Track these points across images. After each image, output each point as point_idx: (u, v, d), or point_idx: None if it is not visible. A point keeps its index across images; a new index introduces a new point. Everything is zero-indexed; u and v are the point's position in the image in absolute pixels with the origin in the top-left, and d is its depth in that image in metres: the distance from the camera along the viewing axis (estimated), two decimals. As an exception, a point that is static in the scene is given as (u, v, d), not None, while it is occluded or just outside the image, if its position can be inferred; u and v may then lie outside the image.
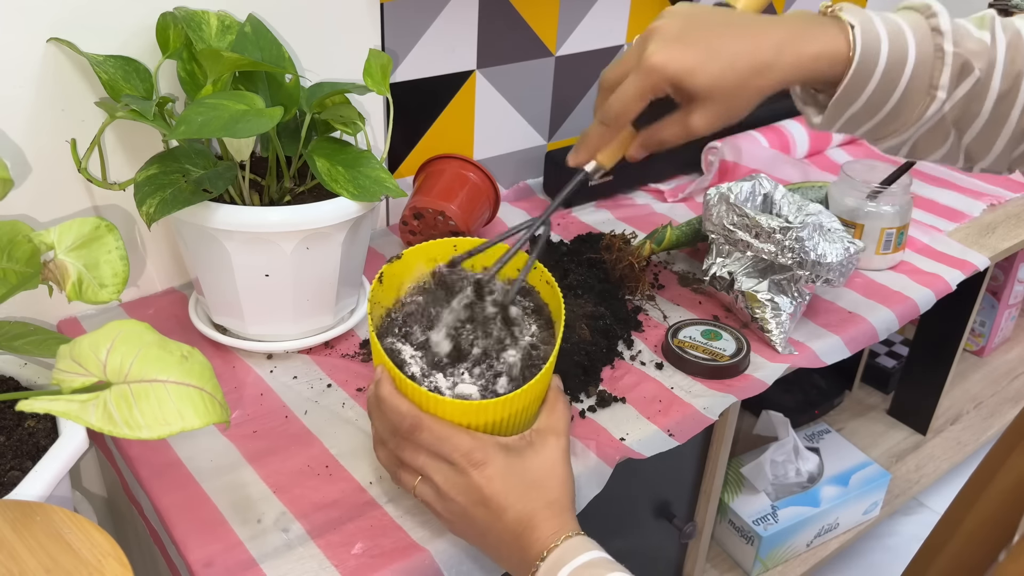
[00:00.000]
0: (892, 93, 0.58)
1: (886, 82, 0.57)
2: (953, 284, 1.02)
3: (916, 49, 0.57)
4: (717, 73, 0.56)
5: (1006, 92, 0.58)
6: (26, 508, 0.52)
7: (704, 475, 0.95)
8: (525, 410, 0.61)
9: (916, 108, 0.59)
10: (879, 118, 0.60)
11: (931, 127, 0.60)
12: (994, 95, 0.58)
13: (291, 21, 0.88)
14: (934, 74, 0.58)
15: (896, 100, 0.58)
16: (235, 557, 0.62)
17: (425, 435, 0.58)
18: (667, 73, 0.56)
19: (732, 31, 0.58)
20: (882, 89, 0.58)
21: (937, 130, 0.60)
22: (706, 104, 0.58)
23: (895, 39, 0.57)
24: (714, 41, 0.57)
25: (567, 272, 0.91)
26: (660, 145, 0.62)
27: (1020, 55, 0.57)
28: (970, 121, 0.59)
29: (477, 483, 0.57)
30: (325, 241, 0.76)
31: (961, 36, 0.58)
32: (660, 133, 0.61)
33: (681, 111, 0.59)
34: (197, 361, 0.54)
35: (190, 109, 0.66)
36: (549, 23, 1.11)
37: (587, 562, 0.54)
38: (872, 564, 1.36)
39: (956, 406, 1.47)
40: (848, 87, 0.57)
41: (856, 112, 0.59)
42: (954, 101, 0.58)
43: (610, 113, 0.60)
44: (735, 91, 0.57)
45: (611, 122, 0.60)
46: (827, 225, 0.87)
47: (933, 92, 0.58)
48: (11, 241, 0.61)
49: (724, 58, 0.57)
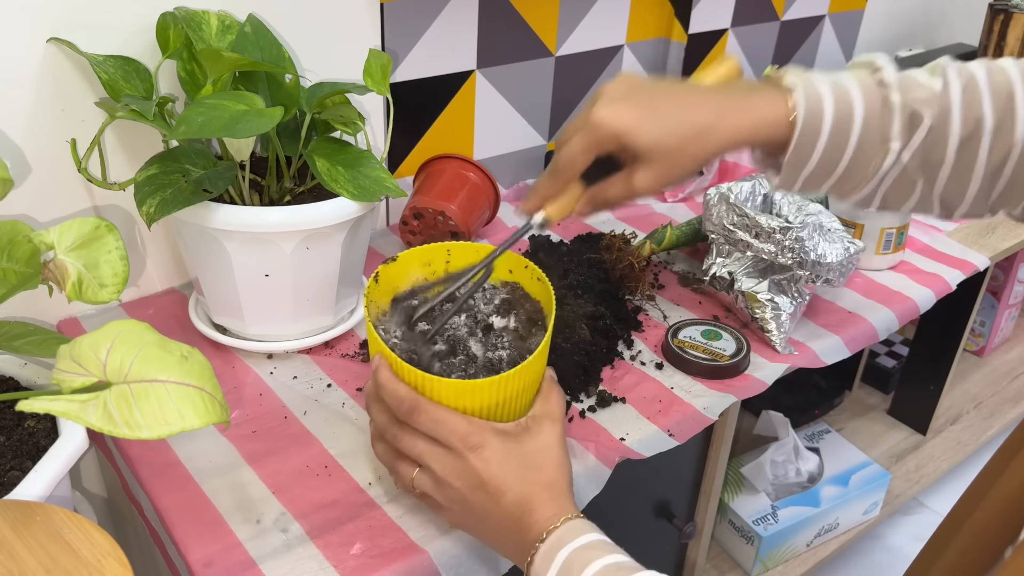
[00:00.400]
0: (844, 149, 0.59)
1: (836, 139, 0.59)
2: (953, 284, 1.02)
3: (864, 103, 0.59)
4: (658, 133, 0.58)
5: (968, 137, 0.58)
6: (26, 508, 0.52)
7: (704, 475, 0.95)
8: (519, 395, 0.62)
9: (872, 161, 0.60)
10: (837, 175, 0.61)
11: (895, 179, 0.61)
12: (955, 141, 0.58)
13: (291, 21, 0.88)
14: (884, 126, 0.59)
15: (850, 156, 0.60)
16: (234, 557, 0.62)
17: (423, 418, 0.59)
18: (610, 129, 0.59)
19: (676, 96, 0.60)
20: (833, 146, 0.59)
21: (902, 181, 0.61)
22: (648, 164, 0.60)
23: (840, 97, 0.58)
24: (657, 103, 0.59)
25: (567, 272, 0.91)
26: (605, 203, 0.64)
27: (977, 98, 0.58)
28: (935, 168, 0.60)
29: (474, 466, 0.58)
30: (325, 241, 0.76)
31: (908, 86, 0.59)
32: (605, 191, 0.63)
33: (626, 171, 0.61)
34: (197, 361, 0.55)
35: (190, 109, 0.66)
36: (549, 23, 1.11)
37: (586, 544, 0.55)
38: (872, 564, 1.36)
39: (956, 406, 1.48)
40: (797, 148, 0.59)
41: (812, 171, 0.60)
42: (912, 151, 0.59)
43: (558, 165, 0.62)
44: (676, 152, 0.59)
45: (558, 174, 0.62)
46: (827, 225, 0.87)
47: (886, 144, 0.59)
48: (11, 241, 0.61)
49: (665, 119, 0.59)
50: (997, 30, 1.42)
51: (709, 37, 1.30)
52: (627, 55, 1.22)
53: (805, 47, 1.49)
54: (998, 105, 0.58)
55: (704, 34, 1.29)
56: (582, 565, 0.53)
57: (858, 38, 1.58)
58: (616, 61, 1.21)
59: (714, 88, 0.62)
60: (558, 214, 0.64)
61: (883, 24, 1.61)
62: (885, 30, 1.63)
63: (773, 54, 1.44)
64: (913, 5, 1.66)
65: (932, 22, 1.73)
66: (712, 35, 1.30)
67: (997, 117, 0.58)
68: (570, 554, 0.54)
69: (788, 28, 1.43)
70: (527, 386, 0.62)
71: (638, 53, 1.24)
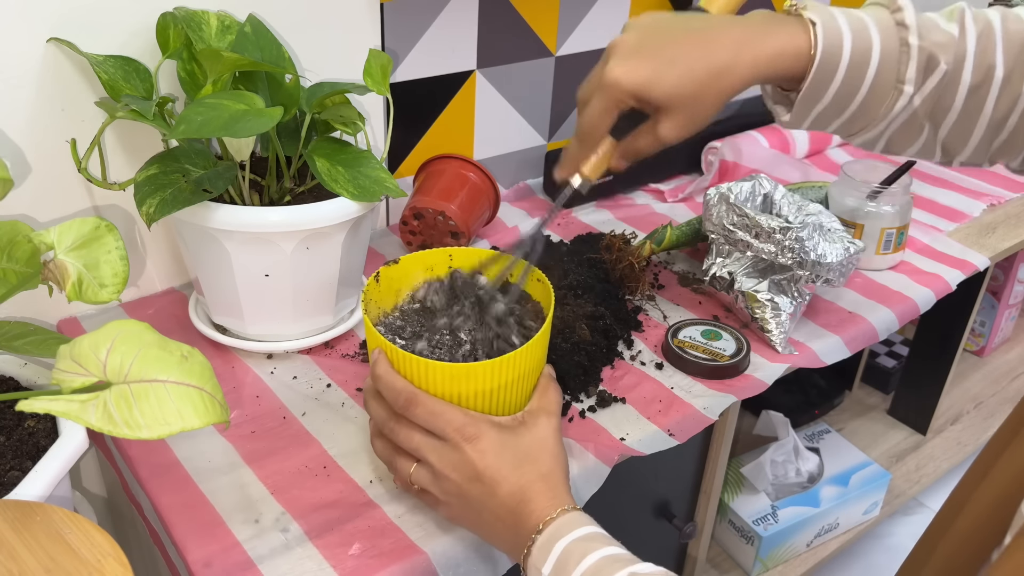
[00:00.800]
0: (859, 88, 0.58)
1: (851, 77, 0.58)
2: (953, 284, 1.02)
3: (881, 43, 0.58)
4: (675, 82, 0.58)
5: (978, 84, 0.58)
6: (26, 508, 0.52)
7: (704, 475, 0.95)
8: (515, 383, 0.62)
9: (884, 102, 0.59)
10: (848, 114, 0.60)
11: (904, 121, 0.61)
12: (965, 88, 0.58)
13: (291, 21, 0.88)
14: (900, 68, 0.58)
15: (863, 95, 0.59)
16: (233, 558, 0.62)
17: (420, 411, 0.60)
18: (626, 87, 0.58)
19: (689, 38, 0.59)
20: (848, 84, 0.58)
21: (910, 124, 0.61)
22: (671, 113, 0.59)
23: (858, 34, 0.57)
24: (670, 50, 0.58)
25: (567, 272, 0.91)
26: (637, 155, 0.63)
27: (991, 46, 0.57)
28: (943, 114, 0.60)
29: (470, 457, 0.58)
30: (325, 241, 0.76)
31: (927, 29, 0.58)
32: (635, 144, 0.63)
33: (651, 121, 0.61)
34: (197, 361, 0.55)
35: (190, 109, 0.66)
36: (549, 23, 1.11)
37: (583, 535, 0.55)
38: (872, 564, 1.36)
39: (956, 406, 1.48)
40: (813, 83, 0.58)
41: (824, 108, 0.60)
42: (924, 95, 0.58)
43: (582, 130, 0.62)
44: (696, 97, 0.59)
45: (585, 138, 0.62)
46: (827, 225, 0.87)
47: (900, 86, 0.58)
48: (11, 241, 0.61)
49: (681, 66, 0.58)
50: (997, 30, 1.42)
51: (709, 37, 1.30)
52: (627, 55, 1.22)
53: (805, 47, 1.48)
54: (1010, 55, 0.57)
55: (704, 34, 1.29)
56: (579, 556, 0.53)
57: (858, 38, 1.58)
58: (616, 61, 1.21)
59: (729, 21, 0.60)
60: (594, 172, 0.64)
61: (883, 24, 1.61)
62: (885, 30, 1.63)
63: (773, 54, 1.44)
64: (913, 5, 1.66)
65: (932, 22, 1.73)
66: (712, 35, 1.30)
67: (1008, 67, 0.57)
68: (567, 545, 0.54)
69: (788, 28, 1.43)
70: (524, 375, 0.62)
71: (638, 53, 1.24)
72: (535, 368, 0.64)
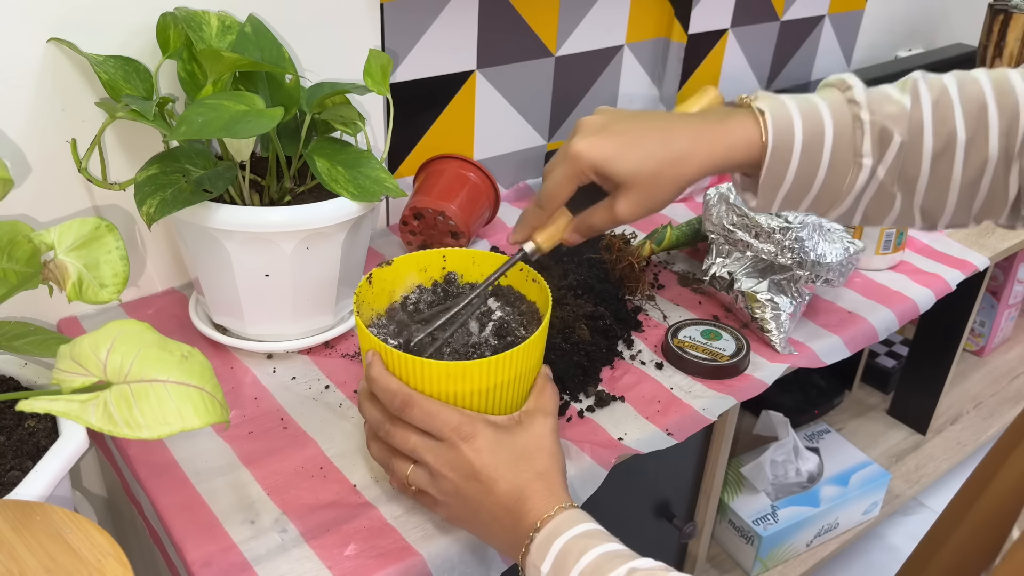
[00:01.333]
0: (817, 167, 0.61)
1: (808, 158, 0.60)
2: (953, 284, 1.02)
3: (833, 122, 0.60)
4: (636, 161, 0.61)
5: (941, 151, 0.59)
6: (26, 508, 0.52)
7: (704, 475, 0.95)
8: (511, 383, 0.62)
9: (847, 178, 0.61)
10: (813, 193, 0.62)
11: (874, 194, 0.62)
12: (928, 155, 0.59)
13: (291, 21, 0.88)
14: (856, 143, 0.60)
15: (823, 173, 0.61)
16: (231, 559, 0.62)
17: (415, 412, 0.60)
18: (588, 160, 0.61)
19: (652, 126, 0.62)
20: (805, 165, 0.60)
21: (880, 196, 0.62)
22: (628, 192, 0.62)
23: (809, 116, 0.60)
24: (633, 134, 0.62)
25: (567, 272, 0.91)
26: (591, 230, 0.66)
27: (949, 112, 0.59)
28: (912, 183, 0.61)
29: (467, 456, 0.59)
30: (325, 241, 0.76)
31: (878, 103, 0.60)
32: (590, 219, 0.66)
33: (608, 199, 0.64)
34: (197, 361, 0.55)
35: (190, 109, 0.66)
36: (549, 23, 1.11)
37: (582, 532, 0.55)
38: (872, 564, 1.36)
39: (956, 406, 1.48)
40: (770, 168, 0.61)
41: (788, 191, 0.62)
42: (886, 166, 0.60)
43: (543, 196, 0.65)
44: (653, 179, 0.61)
45: (544, 205, 0.65)
46: (827, 225, 0.87)
47: (859, 160, 0.60)
48: (11, 241, 0.61)
49: (642, 148, 0.61)
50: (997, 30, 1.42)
51: (709, 37, 1.30)
52: (627, 55, 1.22)
53: (805, 47, 1.49)
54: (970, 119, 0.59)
55: (704, 34, 1.29)
56: (578, 554, 0.53)
57: (858, 38, 1.58)
58: (616, 61, 1.21)
59: (688, 116, 0.64)
60: (548, 242, 0.67)
61: (883, 24, 1.61)
62: (885, 30, 1.63)
63: (773, 54, 1.44)
64: (913, 5, 1.66)
65: (932, 22, 1.73)
66: (712, 35, 1.30)
67: (970, 131, 0.59)
68: (566, 543, 0.54)
69: (788, 28, 1.43)
70: (520, 375, 0.62)
71: (638, 53, 1.24)
72: (532, 368, 0.64)
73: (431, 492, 0.61)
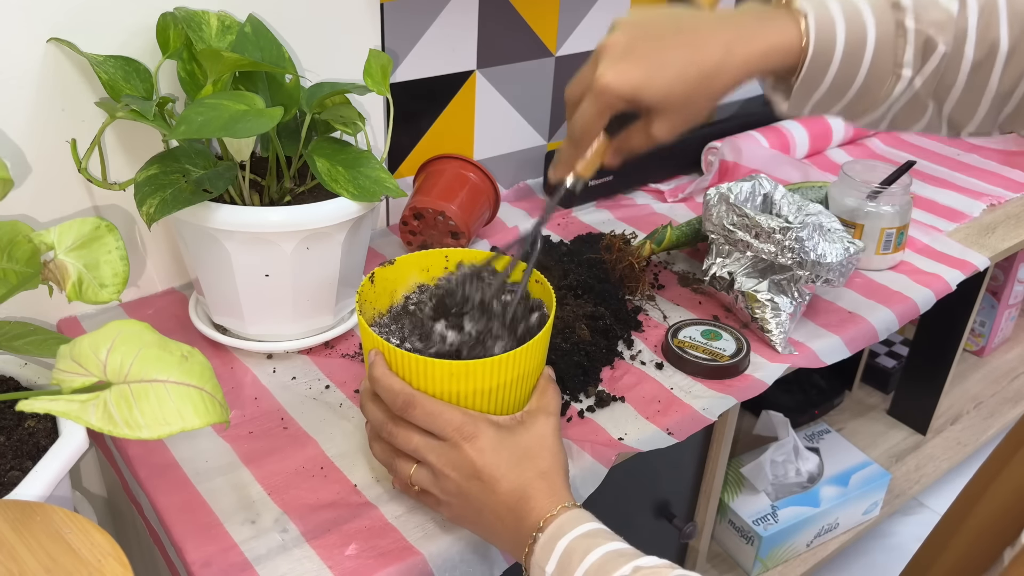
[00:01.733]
0: (855, 76, 0.58)
1: (847, 66, 0.57)
2: (953, 284, 1.02)
3: (876, 29, 0.57)
4: (666, 85, 0.57)
5: (981, 60, 0.57)
6: (26, 508, 0.52)
7: (704, 475, 0.95)
8: (515, 383, 0.62)
9: (883, 87, 0.59)
10: (847, 99, 0.60)
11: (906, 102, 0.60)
12: (968, 64, 0.57)
13: (291, 21, 0.88)
14: (897, 52, 0.57)
15: (861, 81, 0.58)
16: (231, 559, 0.62)
17: (418, 412, 0.60)
18: (617, 91, 0.58)
19: (679, 38, 0.58)
20: (844, 73, 0.58)
21: (913, 104, 0.60)
22: (663, 114, 0.59)
23: (852, 20, 0.57)
24: (661, 53, 0.58)
25: (567, 272, 0.91)
26: (631, 152, 0.64)
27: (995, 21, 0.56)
28: (946, 92, 0.59)
29: (469, 456, 0.58)
30: (325, 241, 0.76)
31: (924, 9, 0.56)
32: (628, 142, 0.63)
33: (643, 121, 0.61)
34: (197, 361, 0.55)
35: (190, 109, 0.66)
36: (549, 23, 1.11)
37: (586, 532, 0.55)
38: (872, 564, 1.36)
39: (956, 406, 1.47)
40: (807, 75, 0.58)
41: (822, 96, 0.59)
42: (924, 76, 0.58)
43: (575, 132, 0.62)
44: (688, 99, 0.59)
45: (578, 141, 0.63)
46: (827, 225, 0.87)
47: (898, 71, 0.58)
48: (11, 241, 0.61)
49: (672, 69, 0.57)
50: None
51: (709, 37, 1.30)
52: (627, 55, 1.22)
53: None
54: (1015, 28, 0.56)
55: (704, 34, 1.29)
56: (583, 553, 0.53)
57: None
58: (616, 61, 1.21)
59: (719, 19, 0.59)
60: (588, 170, 0.64)
61: None
62: None
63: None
64: None
65: None
66: (712, 35, 1.30)
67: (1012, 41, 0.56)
68: (570, 543, 0.54)
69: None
70: (523, 375, 0.62)
71: (638, 53, 1.24)
72: (535, 368, 0.64)
73: (434, 492, 0.61)
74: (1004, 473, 0.65)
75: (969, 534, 0.66)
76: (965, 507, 0.68)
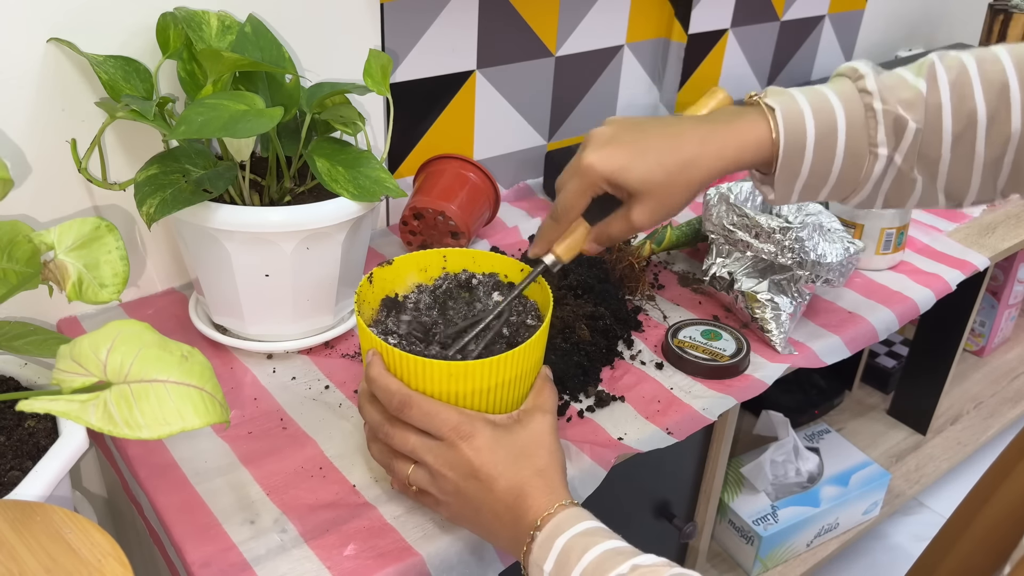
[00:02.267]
0: (832, 159, 0.61)
1: (822, 150, 0.60)
2: (953, 284, 1.02)
3: (845, 114, 0.60)
4: (647, 169, 0.61)
5: (961, 132, 0.59)
6: (26, 508, 0.52)
7: (704, 475, 0.95)
8: (512, 383, 0.62)
9: (863, 168, 0.61)
10: (830, 184, 0.62)
11: (893, 179, 0.62)
12: (949, 137, 0.59)
13: (291, 21, 0.88)
14: (870, 133, 0.60)
15: (839, 166, 0.61)
16: (231, 559, 0.62)
17: (415, 412, 0.60)
18: (601, 172, 0.62)
19: (661, 133, 0.63)
20: (820, 158, 0.61)
21: (900, 181, 0.62)
22: (643, 200, 0.62)
23: (820, 110, 0.60)
24: (643, 142, 0.62)
25: (567, 272, 0.91)
26: (610, 239, 0.66)
27: (969, 92, 0.58)
28: (933, 166, 0.61)
29: (466, 455, 0.59)
30: (325, 241, 0.76)
31: (891, 90, 0.60)
32: (608, 229, 0.66)
33: (624, 208, 0.64)
34: (197, 361, 0.55)
35: (190, 109, 0.66)
36: (549, 23, 1.11)
37: (584, 530, 0.55)
38: (872, 564, 1.36)
39: (956, 406, 1.48)
40: (783, 164, 0.61)
41: (805, 184, 0.62)
42: (903, 153, 0.60)
43: (558, 210, 0.65)
44: (666, 186, 0.62)
45: (560, 218, 0.65)
46: (827, 225, 0.87)
47: (874, 150, 0.60)
48: (11, 241, 0.61)
49: (652, 155, 0.61)
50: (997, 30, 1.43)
51: (709, 37, 1.30)
52: (627, 55, 1.23)
53: (805, 47, 1.49)
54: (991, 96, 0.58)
55: (704, 34, 1.29)
56: (581, 552, 0.53)
57: (858, 38, 1.58)
58: (616, 61, 1.22)
59: (697, 119, 0.64)
60: (568, 253, 0.67)
61: (883, 24, 1.61)
62: (885, 30, 1.63)
63: (773, 54, 1.44)
64: (913, 5, 1.66)
65: (932, 22, 1.73)
66: (712, 35, 1.30)
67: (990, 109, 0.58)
68: (568, 541, 0.54)
69: (788, 28, 1.43)
70: (521, 375, 0.62)
71: (638, 53, 1.24)
72: (532, 368, 0.64)
73: (432, 492, 0.61)
74: (1010, 477, 0.65)
75: (974, 538, 0.67)
76: (970, 511, 0.68)
